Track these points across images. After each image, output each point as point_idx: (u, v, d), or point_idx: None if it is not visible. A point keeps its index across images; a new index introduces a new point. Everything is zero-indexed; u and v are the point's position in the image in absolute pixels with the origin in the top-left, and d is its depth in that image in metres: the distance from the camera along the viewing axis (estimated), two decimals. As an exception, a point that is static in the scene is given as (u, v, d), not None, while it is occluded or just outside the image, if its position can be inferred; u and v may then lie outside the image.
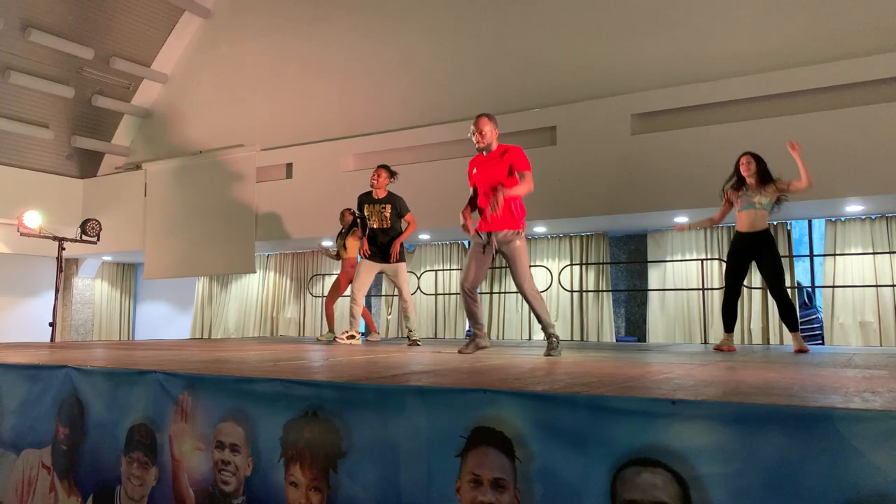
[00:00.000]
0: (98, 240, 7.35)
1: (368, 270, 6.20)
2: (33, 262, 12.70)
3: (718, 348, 5.20)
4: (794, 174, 5.21)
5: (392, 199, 6.27)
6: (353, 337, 6.19)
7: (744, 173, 5.27)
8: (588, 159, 8.16)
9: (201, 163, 11.15)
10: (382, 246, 6.18)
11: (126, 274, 13.87)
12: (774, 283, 5.07)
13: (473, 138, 4.36)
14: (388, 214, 6.18)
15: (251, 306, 11.97)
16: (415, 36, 10.01)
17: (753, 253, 5.14)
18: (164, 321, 13.63)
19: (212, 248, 10.71)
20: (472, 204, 4.54)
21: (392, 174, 6.39)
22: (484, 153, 4.41)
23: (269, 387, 2.50)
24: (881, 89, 6.86)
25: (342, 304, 8.75)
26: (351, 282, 7.08)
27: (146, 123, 12.89)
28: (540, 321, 4.34)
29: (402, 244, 6.24)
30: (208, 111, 11.99)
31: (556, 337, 4.31)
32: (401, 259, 6.23)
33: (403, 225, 6.28)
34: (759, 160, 5.28)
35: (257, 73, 11.48)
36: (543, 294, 9.58)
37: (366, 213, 6.28)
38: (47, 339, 12.71)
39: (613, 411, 1.91)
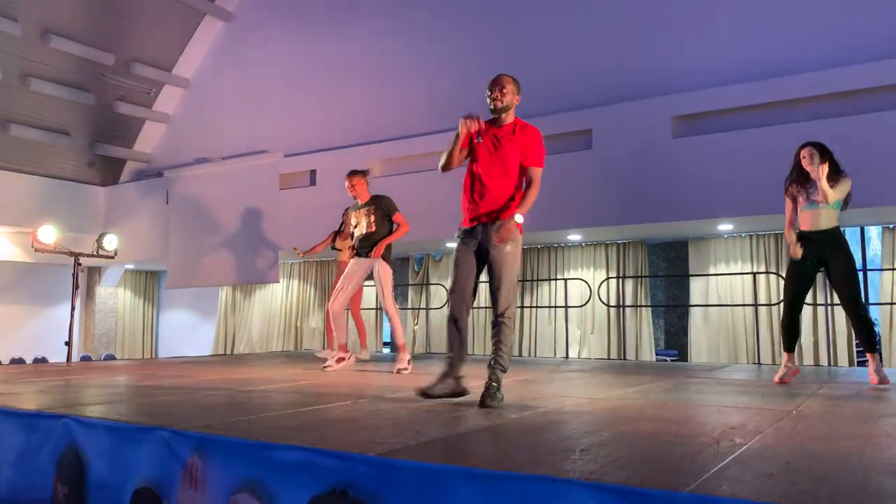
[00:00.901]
0: (115, 255, 7.06)
1: (358, 274, 5.52)
2: (56, 271, 12.54)
3: (782, 381, 4.49)
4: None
5: (376, 199, 5.65)
6: (342, 359, 5.55)
7: (806, 167, 4.48)
8: (626, 164, 7.72)
9: (223, 170, 10.88)
10: (367, 242, 5.53)
11: (150, 282, 13.68)
12: (847, 294, 4.28)
13: (489, 98, 3.48)
14: (373, 218, 5.56)
15: (275, 316, 11.68)
16: (443, 37, 9.63)
17: (820, 257, 4.37)
18: (188, 330, 13.41)
19: (234, 256, 10.44)
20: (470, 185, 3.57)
21: (364, 173, 5.81)
22: (496, 123, 3.51)
23: (291, 455, 2.13)
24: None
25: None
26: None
27: (168, 129, 12.67)
28: (499, 359, 3.29)
29: (388, 246, 5.52)
30: (230, 116, 11.73)
31: (499, 382, 3.26)
32: (384, 257, 5.51)
33: (394, 226, 5.61)
34: (822, 151, 4.50)
35: (280, 77, 11.18)
36: (582, 309, 9.27)
37: (354, 222, 5.69)
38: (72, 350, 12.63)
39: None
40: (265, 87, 11.32)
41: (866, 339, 4.35)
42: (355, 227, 5.67)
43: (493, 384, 3.22)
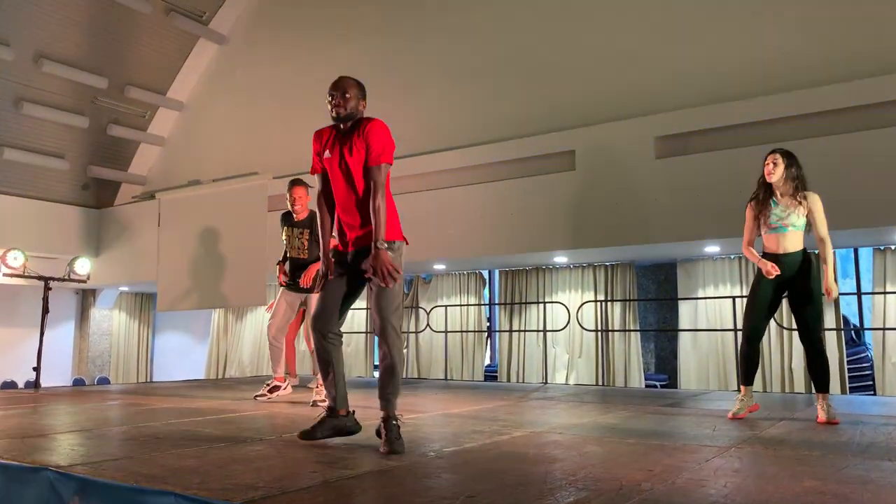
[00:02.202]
0: (88, 279, 7.02)
1: (290, 303, 5.23)
2: (52, 293, 12.55)
3: (736, 416, 4.09)
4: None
5: (311, 221, 5.08)
6: (276, 388, 5.27)
7: (768, 177, 4.08)
8: (610, 185, 7.58)
9: (214, 192, 10.87)
10: (299, 278, 5.08)
11: (145, 304, 13.67)
12: (810, 322, 3.95)
13: (331, 104, 3.10)
14: (305, 241, 5.06)
15: (265, 340, 11.57)
16: (430, 60, 9.60)
17: (786, 281, 4.00)
18: (182, 353, 13.36)
19: (224, 279, 10.38)
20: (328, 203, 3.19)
21: (307, 186, 5.17)
22: (340, 132, 3.12)
23: (162, 501, 2.01)
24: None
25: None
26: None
27: (163, 152, 12.73)
28: (384, 390, 2.94)
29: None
30: (223, 139, 11.76)
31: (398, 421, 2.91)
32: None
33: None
34: (790, 158, 4.09)
35: (272, 99, 11.20)
36: (570, 333, 9.11)
37: (284, 238, 5.23)
38: (66, 372, 12.63)
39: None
40: (257, 109, 11.35)
41: (822, 375, 4.03)
42: (286, 244, 5.21)
43: (394, 424, 2.85)
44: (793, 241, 4.08)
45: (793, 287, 4.07)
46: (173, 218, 11.13)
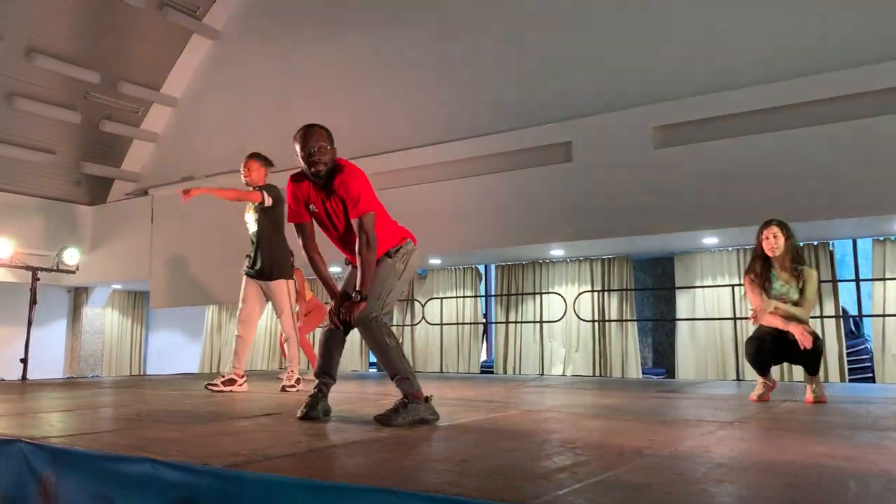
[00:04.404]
0: (77, 269, 6.90)
1: (252, 293, 4.84)
2: (43, 291, 12.43)
3: (761, 399, 4.01)
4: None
5: (260, 190, 4.80)
6: (232, 381, 4.81)
7: (768, 251, 3.98)
8: (607, 176, 7.49)
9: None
10: (255, 259, 4.82)
11: (138, 302, 13.53)
12: (809, 361, 3.88)
13: (309, 161, 2.98)
14: (255, 215, 4.79)
15: (259, 336, 11.47)
16: (425, 53, 9.52)
17: (787, 349, 3.92)
18: (176, 351, 13.22)
19: (218, 275, 10.27)
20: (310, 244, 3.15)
21: (265, 161, 4.97)
22: (317, 185, 3.04)
23: (136, 468, 1.91)
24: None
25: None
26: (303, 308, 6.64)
27: (157, 148, 12.61)
28: (389, 375, 3.01)
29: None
30: (217, 135, 11.65)
31: (409, 396, 2.88)
32: (279, 276, 4.83)
33: (275, 225, 4.80)
34: (788, 230, 4.02)
35: (266, 94, 11.11)
36: (567, 326, 9.01)
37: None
38: (57, 371, 12.46)
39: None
40: (251, 104, 11.25)
41: (811, 359, 3.90)
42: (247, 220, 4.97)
43: (403, 401, 2.85)
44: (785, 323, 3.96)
45: (793, 357, 3.98)
46: (167, 214, 11.02)
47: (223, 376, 4.90)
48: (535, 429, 2.68)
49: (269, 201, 4.74)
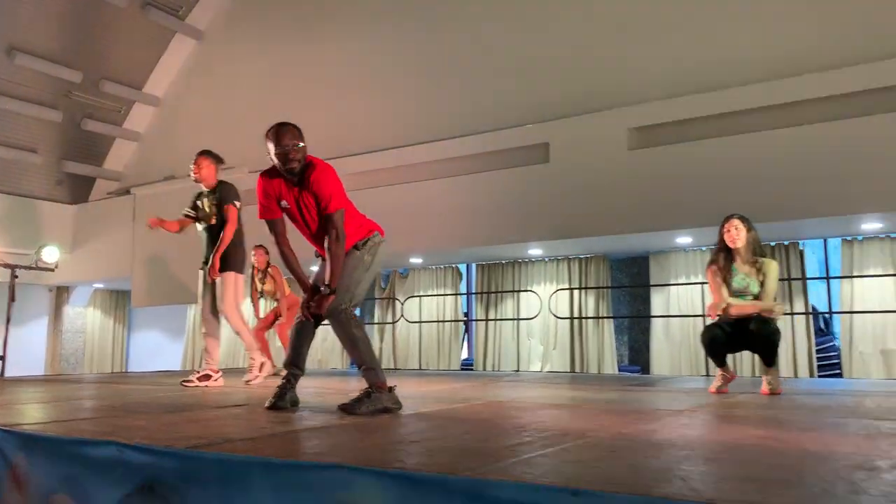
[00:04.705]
0: (56, 267, 6.94)
1: (207, 286, 4.94)
2: (25, 290, 12.40)
3: (719, 391, 4.17)
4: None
5: (220, 187, 4.97)
6: (207, 377, 4.78)
7: (729, 243, 4.15)
8: (584, 177, 7.63)
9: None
10: (206, 254, 4.98)
11: (119, 302, 13.52)
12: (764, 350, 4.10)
13: (284, 160, 3.06)
14: (213, 209, 4.94)
15: (228, 333, 11.49)
16: (406, 54, 9.61)
17: (742, 338, 4.12)
18: (157, 350, 13.22)
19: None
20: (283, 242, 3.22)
21: (218, 160, 5.07)
22: (291, 181, 3.11)
23: (102, 451, 2.00)
24: (899, 96, 6.26)
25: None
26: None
27: (139, 147, 12.62)
28: (357, 365, 3.11)
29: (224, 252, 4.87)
30: (201, 134, 11.65)
31: (374, 386, 2.97)
32: (224, 268, 4.88)
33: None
34: (748, 223, 4.19)
35: (249, 94, 11.15)
36: (544, 324, 9.13)
37: (192, 214, 5.09)
38: (38, 371, 12.42)
39: (495, 502, 1.37)
40: (234, 104, 11.29)
41: (772, 354, 4.10)
42: (197, 214, 5.03)
43: (367, 391, 2.94)
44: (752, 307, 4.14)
45: (749, 343, 4.17)
46: (149, 213, 10.99)
47: (198, 372, 4.93)
48: (492, 417, 2.79)
49: (236, 209, 4.89)
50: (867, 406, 3.29)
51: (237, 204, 4.93)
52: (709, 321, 4.36)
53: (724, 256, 4.20)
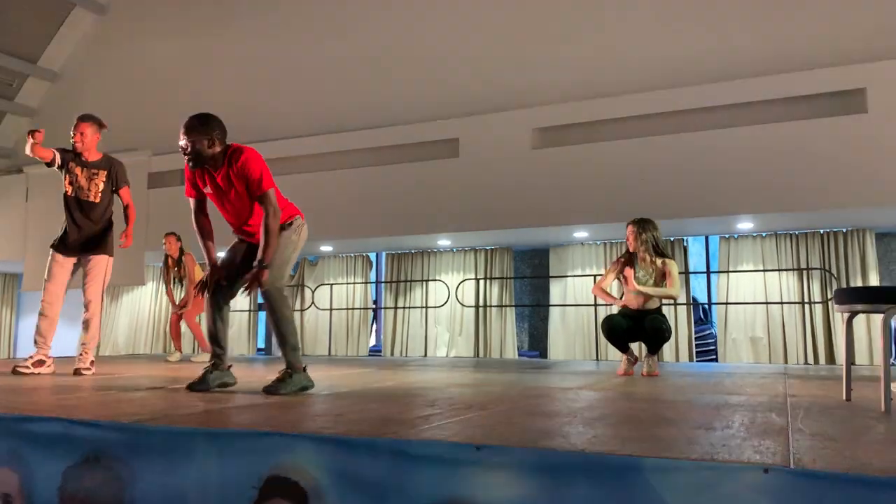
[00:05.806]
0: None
1: (62, 268, 4.71)
2: None
3: (626, 373, 4.70)
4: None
5: (110, 163, 4.75)
6: (42, 363, 4.50)
7: (629, 246, 4.78)
8: (490, 172, 8.04)
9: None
10: (85, 228, 4.68)
11: (8, 285, 12.85)
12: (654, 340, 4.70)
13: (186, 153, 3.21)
14: (101, 184, 4.65)
15: (143, 321, 11.27)
16: (321, 39, 9.66)
17: (639, 330, 4.72)
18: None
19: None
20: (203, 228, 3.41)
21: (101, 126, 4.82)
22: (209, 168, 3.25)
23: (47, 427, 2.15)
24: (771, 109, 7.00)
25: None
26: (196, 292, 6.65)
27: (32, 123, 12.00)
28: (279, 345, 3.32)
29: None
30: (100, 112, 11.05)
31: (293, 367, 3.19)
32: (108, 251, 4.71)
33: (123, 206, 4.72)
34: (642, 226, 4.77)
35: (156, 74, 10.86)
36: (451, 312, 9.53)
37: (68, 178, 4.72)
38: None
39: (415, 458, 1.67)
40: (139, 83, 10.96)
41: (657, 345, 4.72)
42: (71, 185, 4.70)
43: (287, 372, 3.16)
44: (651, 302, 4.80)
45: (642, 331, 4.75)
46: (43, 193, 10.58)
47: (31, 357, 4.57)
48: (405, 394, 3.09)
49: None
50: (725, 384, 3.83)
51: (128, 188, 4.84)
52: (614, 310, 4.98)
53: (627, 256, 4.85)
